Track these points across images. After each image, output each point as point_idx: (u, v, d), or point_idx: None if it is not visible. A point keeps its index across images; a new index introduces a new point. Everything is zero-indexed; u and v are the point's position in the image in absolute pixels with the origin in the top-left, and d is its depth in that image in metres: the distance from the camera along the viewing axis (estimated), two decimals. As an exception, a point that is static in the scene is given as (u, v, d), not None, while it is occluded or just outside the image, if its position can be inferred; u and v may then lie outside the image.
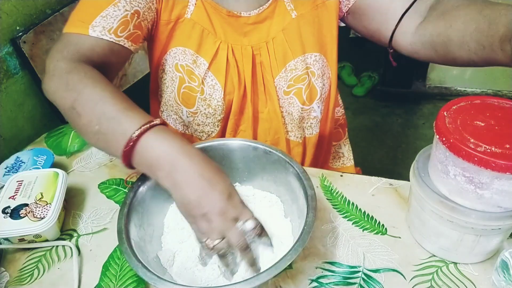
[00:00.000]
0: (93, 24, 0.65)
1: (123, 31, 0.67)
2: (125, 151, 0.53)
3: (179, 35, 0.74)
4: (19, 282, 0.60)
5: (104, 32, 0.65)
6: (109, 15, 0.65)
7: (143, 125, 0.53)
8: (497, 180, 0.49)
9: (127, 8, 0.67)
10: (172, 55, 0.75)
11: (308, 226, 0.52)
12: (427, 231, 0.60)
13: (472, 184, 0.51)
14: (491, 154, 0.47)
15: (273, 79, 0.77)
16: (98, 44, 0.65)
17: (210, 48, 0.74)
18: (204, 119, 0.78)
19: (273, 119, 0.80)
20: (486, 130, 0.51)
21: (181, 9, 0.73)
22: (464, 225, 0.54)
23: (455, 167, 0.52)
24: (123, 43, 0.67)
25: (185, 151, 0.52)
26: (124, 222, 0.55)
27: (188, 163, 0.51)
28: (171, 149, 0.52)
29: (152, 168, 0.53)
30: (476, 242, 0.56)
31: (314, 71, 0.78)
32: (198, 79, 0.74)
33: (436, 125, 0.53)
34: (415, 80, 2.18)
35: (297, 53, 0.76)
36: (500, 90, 2.13)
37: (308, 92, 0.78)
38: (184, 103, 0.77)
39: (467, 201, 0.53)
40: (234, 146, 0.67)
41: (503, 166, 0.46)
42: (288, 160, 0.63)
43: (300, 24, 0.76)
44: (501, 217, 0.52)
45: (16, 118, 0.89)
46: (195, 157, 0.52)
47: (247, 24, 0.74)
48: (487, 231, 0.54)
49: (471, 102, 0.56)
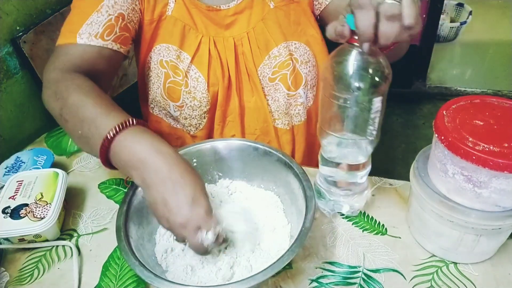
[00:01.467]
0: (80, 32, 0.68)
1: (110, 34, 0.70)
2: (101, 151, 0.54)
3: (162, 33, 0.77)
4: (19, 282, 0.60)
5: (90, 38, 0.68)
6: (94, 21, 0.69)
7: (117, 126, 0.54)
8: (495, 179, 0.49)
9: (110, 12, 0.70)
10: (157, 52, 0.77)
11: (306, 228, 0.52)
12: (427, 231, 0.60)
13: (470, 183, 0.51)
14: (489, 153, 0.47)
15: (256, 68, 0.79)
16: (86, 51, 0.69)
17: (193, 42, 0.76)
18: (190, 112, 0.80)
19: (260, 108, 0.81)
20: (485, 129, 0.51)
21: (162, 8, 0.75)
22: (464, 224, 0.54)
23: (453, 165, 0.52)
24: (111, 46, 0.70)
25: (157, 151, 0.53)
26: (123, 221, 0.55)
27: (158, 163, 0.52)
28: (143, 148, 0.53)
29: (126, 167, 0.54)
30: (476, 242, 0.56)
31: (297, 57, 0.80)
32: (182, 73, 0.76)
33: (435, 124, 0.53)
34: (415, 80, 2.18)
35: (279, 40, 0.78)
36: (500, 90, 2.13)
37: (293, 77, 0.80)
38: (170, 98, 0.79)
39: (466, 200, 0.53)
40: (233, 146, 0.68)
41: (501, 165, 0.46)
42: (288, 160, 0.63)
43: (278, 14, 0.79)
44: (501, 216, 0.52)
45: (16, 118, 0.89)
46: (166, 157, 0.52)
47: (228, 16, 0.77)
48: (487, 231, 0.54)
49: (470, 101, 0.56)
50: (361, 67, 0.51)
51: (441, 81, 2.22)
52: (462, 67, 2.37)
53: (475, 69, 2.34)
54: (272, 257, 0.57)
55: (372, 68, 0.51)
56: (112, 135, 0.54)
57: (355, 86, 0.51)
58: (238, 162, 0.68)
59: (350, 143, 0.58)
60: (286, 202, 0.65)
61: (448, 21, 2.48)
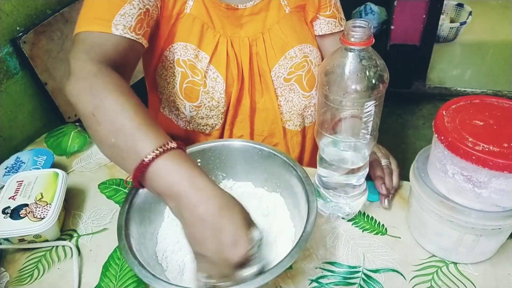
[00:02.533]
0: (115, 23, 0.63)
1: (140, 28, 0.67)
2: (135, 174, 0.50)
3: (180, 31, 0.75)
4: (19, 282, 0.60)
5: (126, 30, 0.64)
6: (127, 13, 0.65)
7: (158, 148, 0.50)
8: (495, 179, 0.49)
9: (140, 6, 0.66)
10: (172, 50, 0.75)
11: (307, 233, 0.52)
12: (427, 231, 0.60)
13: (470, 183, 0.51)
14: (489, 153, 0.47)
15: (270, 68, 0.78)
16: (120, 43, 0.64)
17: (211, 42, 0.75)
18: (208, 112, 0.79)
19: (269, 109, 0.81)
20: (485, 129, 0.51)
21: (181, 5, 0.73)
22: (464, 225, 0.54)
23: (453, 166, 0.52)
24: (141, 41, 0.67)
25: (194, 185, 0.48)
26: (125, 219, 0.55)
27: (193, 202, 0.48)
28: (180, 181, 0.48)
29: (161, 196, 0.51)
30: (476, 242, 0.56)
31: (312, 59, 0.81)
32: (201, 73, 0.75)
33: (435, 124, 0.53)
34: (415, 80, 2.18)
35: (294, 42, 0.79)
36: (500, 90, 2.13)
37: (308, 78, 0.80)
38: (187, 98, 0.78)
39: (465, 200, 0.53)
40: (237, 147, 0.67)
41: (501, 165, 0.46)
42: (292, 164, 0.62)
43: (293, 19, 0.79)
44: (501, 217, 0.52)
45: (16, 118, 0.89)
46: (203, 193, 0.48)
47: (244, 15, 0.76)
48: (487, 231, 0.54)
49: (470, 101, 0.56)
50: (355, 70, 0.51)
51: (441, 81, 2.22)
52: (462, 67, 2.37)
53: (475, 69, 2.34)
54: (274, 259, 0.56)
55: (367, 71, 0.51)
56: (151, 158, 0.49)
57: (350, 89, 0.51)
58: (242, 163, 0.68)
59: (346, 145, 0.58)
60: (289, 206, 0.65)
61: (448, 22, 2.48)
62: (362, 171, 0.62)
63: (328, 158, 0.60)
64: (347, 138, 0.57)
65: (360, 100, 0.52)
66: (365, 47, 0.50)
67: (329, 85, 0.53)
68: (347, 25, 0.50)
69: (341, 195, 0.63)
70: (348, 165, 0.60)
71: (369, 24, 0.50)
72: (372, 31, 0.51)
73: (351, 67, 0.51)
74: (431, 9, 1.91)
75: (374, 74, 0.52)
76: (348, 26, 0.50)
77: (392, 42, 2.03)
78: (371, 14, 2.44)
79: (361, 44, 0.50)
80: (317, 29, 0.84)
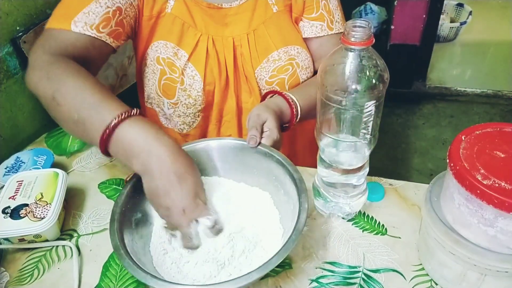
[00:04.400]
0: (75, 20, 0.66)
1: (105, 27, 0.69)
2: (102, 139, 0.54)
3: (161, 30, 0.76)
4: (19, 282, 0.60)
5: (86, 27, 0.67)
6: (91, 11, 0.67)
7: (121, 114, 0.54)
8: (501, 218, 0.44)
9: (108, 4, 0.69)
10: (154, 48, 0.77)
11: (298, 230, 0.51)
12: (432, 257, 0.56)
13: (475, 218, 0.46)
14: (497, 189, 0.42)
15: (253, 70, 0.78)
16: (79, 39, 0.67)
17: (191, 40, 0.76)
18: (184, 109, 0.80)
19: None
20: (504, 163, 0.45)
21: (161, 4, 0.75)
22: (467, 260, 0.49)
23: (459, 196, 0.48)
24: (104, 39, 0.69)
25: (160, 140, 0.53)
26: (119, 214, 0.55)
27: (162, 153, 0.52)
28: (147, 137, 0.53)
29: (127, 155, 0.54)
30: (481, 281, 0.50)
31: (299, 62, 0.80)
32: (179, 70, 0.76)
33: (450, 147, 0.49)
34: (415, 80, 2.18)
35: (279, 45, 0.78)
36: (500, 90, 2.13)
37: (291, 82, 0.80)
38: (165, 94, 0.79)
39: (471, 234, 0.48)
40: (228, 145, 0.67)
41: (507, 204, 0.41)
42: (283, 160, 0.62)
43: (280, 18, 0.78)
44: (509, 259, 0.46)
45: (16, 118, 0.89)
46: (170, 147, 0.53)
47: (229, 15, 0.76)
48: (492, 271, 0.48)
49: (500, 129, 0.50)
50: (356, 70, 0.51)
51: (441, 81, 2.23)
52: (462, 67, 2.37)
53: (475, 69, 2.34)
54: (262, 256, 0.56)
55: (367, 71, 0.51)
56: (116, 123, 0.53)
57: (351, 89, 0.51)
58: (232, 162, 0.67)
59: (346, 145, 0.58)
60: (272, 191, 0.64)
61: (448, 21, 2.48)
62: (362, 171, 0.61)
63: (328, 158, 0.60)
64: (347, 138, 0.57)
65: (360, 100, 0.52)
66: (365, 47, 0.50)
67: (329, 85, 0.53)
68: (347, 25, 0.50)
69: (341, 195, 0.63)
70: (348, 165, 0.60)
71: (369, 24, 0.50)
72: (372, 31, 0.51)
73: (351, 67, 0.51)
74: (431, 9, 1.91)
75: (374, 74, 0.51)
76: (348, 26, 0.50)
77: (392, 42, 2.03)
78: (371, 14, 2.44)
79: (361, 44, 0.49)
80: (302, 31, 0.82)
